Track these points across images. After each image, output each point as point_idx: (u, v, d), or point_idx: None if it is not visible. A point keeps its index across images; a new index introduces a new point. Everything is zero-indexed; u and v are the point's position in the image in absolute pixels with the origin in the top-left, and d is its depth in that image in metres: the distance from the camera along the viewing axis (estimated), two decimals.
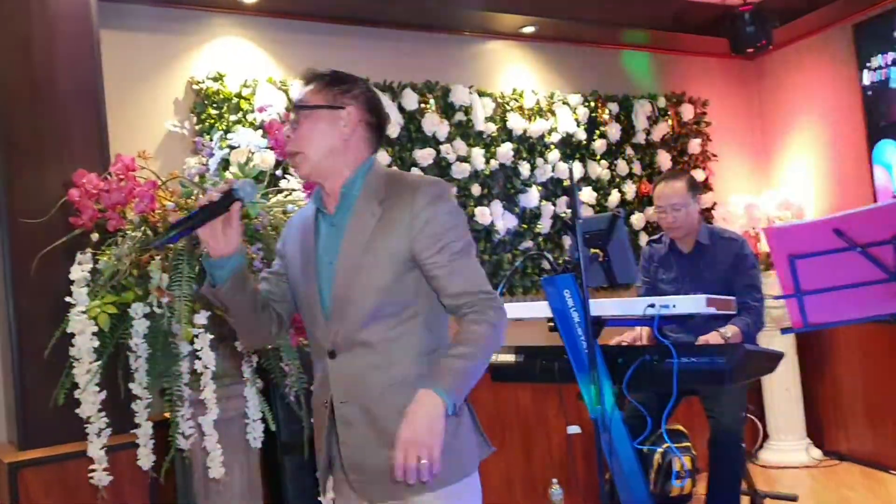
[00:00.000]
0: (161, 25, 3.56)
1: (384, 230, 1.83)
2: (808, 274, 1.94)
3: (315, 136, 1.87)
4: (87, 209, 2.61)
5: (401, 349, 1.84)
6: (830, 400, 5.10)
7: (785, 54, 5.34)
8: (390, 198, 1.86)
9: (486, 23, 4.37)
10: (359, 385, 1.84)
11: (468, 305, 1.81)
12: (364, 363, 1.83)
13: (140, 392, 2.54)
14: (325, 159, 1.87)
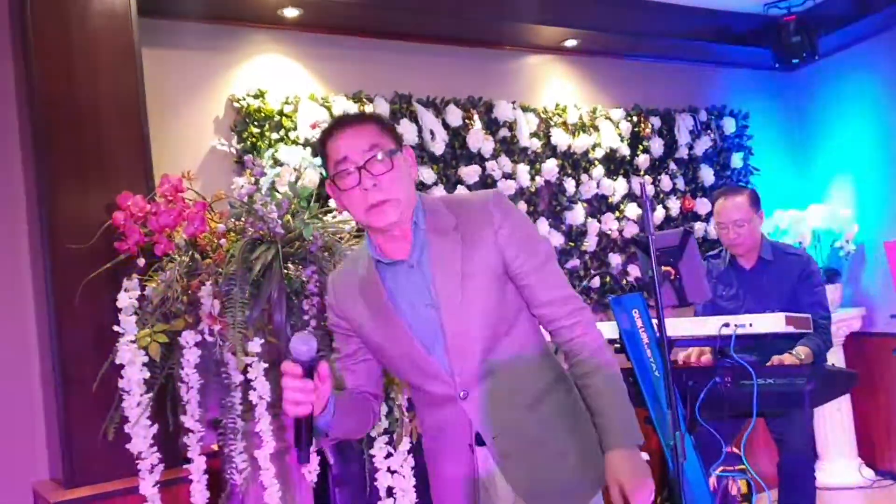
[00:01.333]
0: (200, 42, 3.46)
1: (472, 253, 1.78)
2: None
3: (403, 178, 1.78)
4: (133, 233, 2.51)
5: (524, 364, 1.83)
6: (882, 418, 4.94)
7: (828, 64, 5.20)
8: (461, 221, 1.81)
9: (528, 36, 4.27)
10: (504, 414, 1.80)
11: (562, 312, 1.82)
12: (500, 392, 1.80)
13: (192, 425, 2.42)
14: (408, 202, 1.78)
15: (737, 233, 3.36)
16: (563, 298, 1.82)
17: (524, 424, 1.80)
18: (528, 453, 1.80)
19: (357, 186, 1.74)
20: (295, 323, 2.52)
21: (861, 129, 5.08)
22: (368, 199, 1.74)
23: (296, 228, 2.48)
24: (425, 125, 3.91)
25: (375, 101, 3.79)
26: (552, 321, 1.83)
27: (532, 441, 1.80)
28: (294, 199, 2.55)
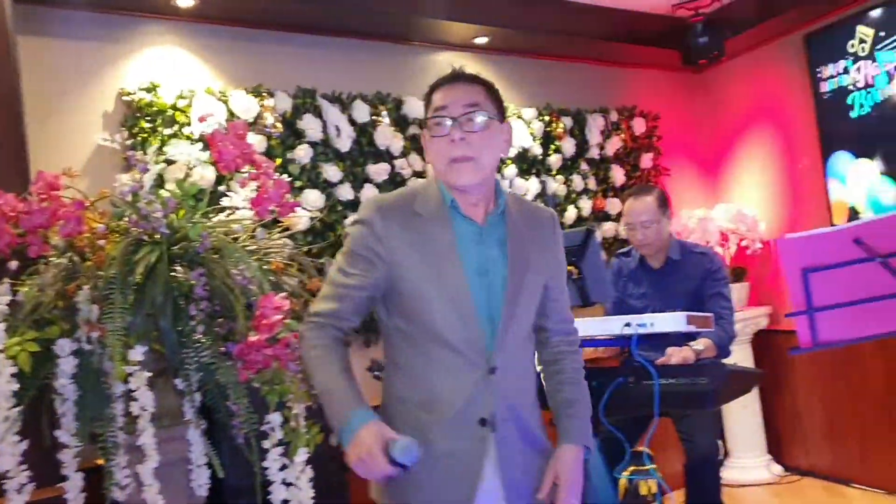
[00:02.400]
0: (88, 32, 3.28)
1: (538, 252, 1.90)
2: (821, 288, 1.78)
3: (492, 146, 1.83)
4: (4, 233, 2.32)
5: (530, 367, 1.96)
6: (789, 415, 5.04)
7: (735, 66, 5.29)
8: (530, 220, 1.94)
9: (438, 33, 4.20)
10: (516, 400, 1.86)
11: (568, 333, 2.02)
12: (518, 380, 1.88)
13: (68, 440, 2.24)
14: (491, 172, 1.85)
15: (644, 233, 3.35)
16: (572, 320, 2.04)
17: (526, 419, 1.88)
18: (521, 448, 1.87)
19: (446, 136, 1.79)
20: (182, 328, 2.36)
21: (766, 130, 5.17)
22: (453, 152, 1.79)
23: (182, 228, 2.33)
24: (330, 121, 3.79)
25: (277, 95, 3.66)
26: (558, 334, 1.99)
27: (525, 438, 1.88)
28: (181, 198, 2.40)
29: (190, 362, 2.33)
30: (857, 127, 4.56)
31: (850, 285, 1.79)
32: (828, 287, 1.81)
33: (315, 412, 2.59)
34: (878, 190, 4.48)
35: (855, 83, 4.54)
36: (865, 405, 4.58)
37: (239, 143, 2.28)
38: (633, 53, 5.03)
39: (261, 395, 2.45)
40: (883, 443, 4.50)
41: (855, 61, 4.54)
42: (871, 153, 4.51)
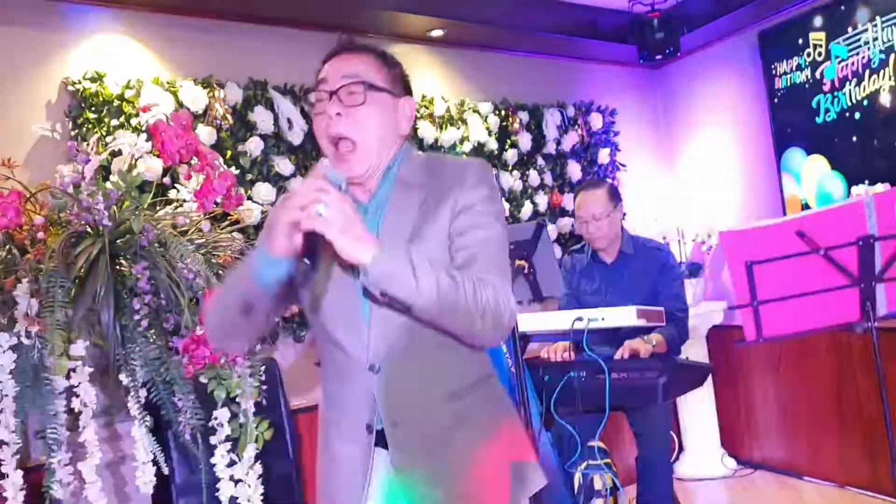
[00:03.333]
0: (30, 19, 3.18)
1: (431, 215, 1.61)
2: (766, 281, 1.78)
3: (376, 124, 1.62)
4: None
5: (451, 351, 1.62)
6: (743, 409, 5.09)
7: (690, 63, 5.33)
8: (433, 178, 1.66)
9: (392, 24, 4.15)
10: (415, 400, 1.62)
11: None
12: (417, 375, 1.62)
13: (7, 436, 2.19)
14: (380, 153, 1.64)
15: (596, 226, 3.35)
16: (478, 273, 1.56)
17: (433, 419, 1.63)
18: (427, 452, 1.63)
19: (323, 113, 1.62)
20: (126, 323, 2.32)
21: (721, 126, 5.22)
22: (330, 130, 1.61)
23: (125, 220, 2.28)
24: (282, 113, 3.73)
25: (227, 86, 3.59)
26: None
27: (436, 440, 1.63)
28: (125, 189, 2.35)
29: (134, 357, 2.29)
30: (810, 124, 4.61)
31: (795, 278, 1.80)
32: (772, 280, 1.81)
33: (264, 408, 2.56)
34: (829, 186, 4.54)
35: (810, 82, 4.60)
36: (818, 399, 4.64)
37: (183, 134, 2.24)
38: (591, 49, 5.04)
39: (208, 391, 2.41)
40: (834, 436, 4.56)
41: (808, 59, 4.59)
42: (823, 150, 4.56)
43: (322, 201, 1.39)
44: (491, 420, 1.70)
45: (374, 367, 1.61)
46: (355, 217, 1.42)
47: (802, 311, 1.83)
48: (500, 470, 1.67)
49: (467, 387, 1.66)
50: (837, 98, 4.45)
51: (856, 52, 4.34)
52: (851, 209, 1.76)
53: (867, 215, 1.72)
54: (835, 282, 1.76)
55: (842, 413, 4.50)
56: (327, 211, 1.39)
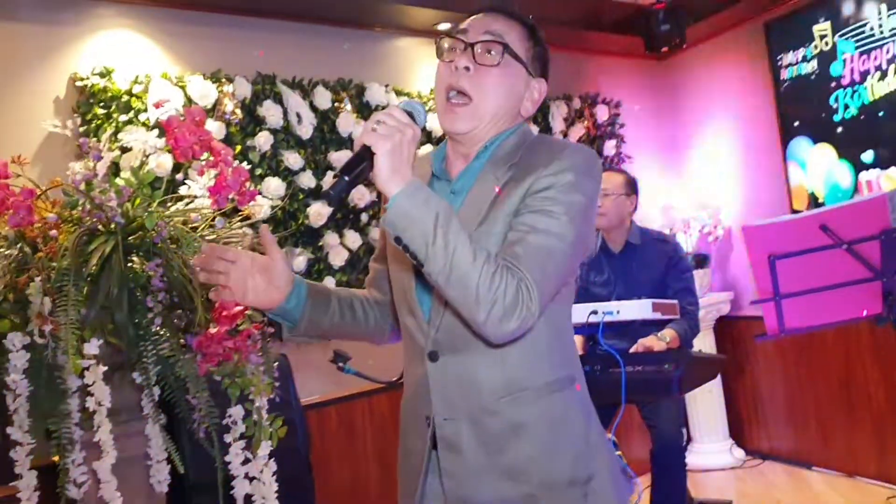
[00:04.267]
0: (36, 15, 3.16)
1: (506, 196, 1.50)
2: (788, 275, 1.77)
3: (502, 91, 1.54)
4: None
5: (523, 347, 1.49)
6: (751, 400, 5.10)
7: (696, 53, 5.31)
8: (523, 159, 1.53)
9: (400, 18, 4.13)
10: (469, 396, 1.50)
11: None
12: (478, 369, 1.50)
13: (21, 437, 2.17)
14: (493, 122, 1.55)
15: (601, 202, 3.33)
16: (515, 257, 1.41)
17: (485, 422, 1.50)
18: (477, 458, 1.50)
19: (451, 62, 1.53)
20: (139, 321, 2.30)
21: (727, 116, 5.20)
22: (451, 80, 1.53)
23: (138, 217, 2.26)
24: (291, 107, 3.72)
25: (236, 80, 3.58)
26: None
27: (486, 445, 1.50)
28: (137, 186, 2.32)
29: (148, 355, 2.27)
30: (818, 114, 4.59)
31: (816, 272, 1.78)
32: (794, 274, 1.79)
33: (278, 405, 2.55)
34: (837, 174, 4.52)
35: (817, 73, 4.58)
36: (825, 389, 4.64)
37: (196, 130, 2.21)
38: (596, 40, 5.02)
39: (222, 389, 2.39)
40: (842, 426, 4.56)
41: (815, 50, 4.57)
42: (829, 138, 4.54)
43: (383, 119, 1.35)
44: (558, 437, 1.52)
45: (434, 356, 1.54)
46: (408, 149, 1.35)
47: (824, 304, 1.82)
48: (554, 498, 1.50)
49: (535, 390, 1.51)
50: (858, 93, 4.39)
51: (870, 44, 4.31)
52: (874, 203, 1.75)
53: (890, 209, 1.71)
54: (857, 275, 1.75)
55: (850, 402, 4.50)
56: (382, 127, 1.34)
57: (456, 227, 1.35)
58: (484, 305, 1.36)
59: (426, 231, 1.33)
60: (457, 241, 1.34)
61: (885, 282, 1.76)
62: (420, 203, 1.34)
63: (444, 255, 1.33)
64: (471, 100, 1.52)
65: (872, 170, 4.32)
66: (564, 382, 1.56)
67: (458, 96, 1.53)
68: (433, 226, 1.33)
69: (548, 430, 1.52)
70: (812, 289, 1.79)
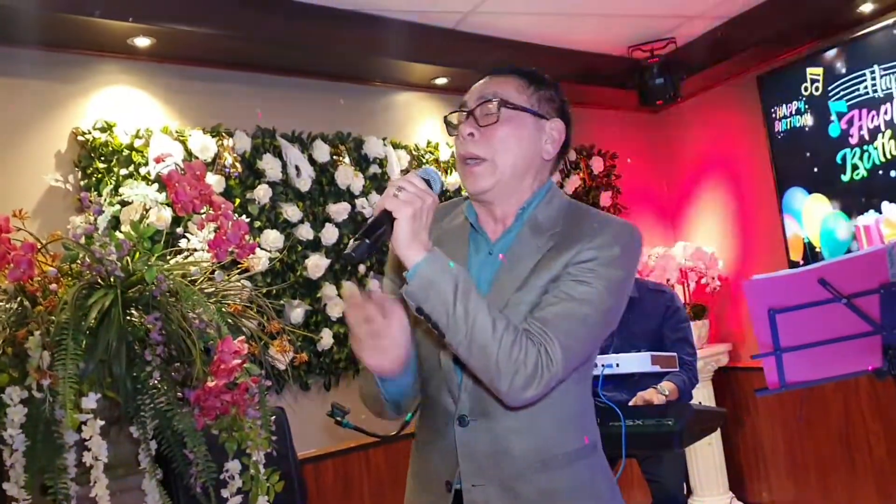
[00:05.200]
0: (39, 71, 3.21)
1: (546, 266, 1.50)
2: (788, 329, 1.77)
3: (513, 144, 1.54)
4: None
5: (551, 415, 1.50)
6: (751, 452, 5.06)
7: (691, 106, 5.38)
8: (565, 228, 1.54)
9: (398, 73, 4.20)
10: (501, 462, 1.49)
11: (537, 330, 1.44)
12: (509, 436, 1.49)
13: (16, 492, 2.15)
14: (515, 176, 1.55)
15: None
16: (547, 326, 1.42)
17: (516, 488, 1.49)
18: None
19: (458, 134, 1.57)
20: (137, 375, 2.29)
21: (722, 168, 5.25)
22: (461, 151, 1.55)
23: (137, 271, 2.27)
24: (290, 160, 3.75)
25: (236, 134, 3.62)
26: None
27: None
28: (136, 240, 2.34)
29: (145, 409, 2.26)
30: (810, 165, 4.64)
31: (816, 326, 1.79)
32: (794, 328, 1.80)
33: (275, 459, 2.53)
34: (831, 224, 4.55)
35: (810, 127, 4.64)
36: (825, 441, 4.61)
37: (197, 184, 2.23)
38: (591, 94, 5.09)
39: (219, 443, 2.38)
40: (843, 479, 4.52)
41: (808, 103, 4.64)
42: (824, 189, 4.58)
43: (404, 185, 1.37)
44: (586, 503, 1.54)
45: (464, 420, 1.52)
46: (427, 216, 1.37)
47: (825, 358, 1.82)
48: None
49: (564, 456, 1.52)
50: (868, 153, 4.39)
51: (861, 98, 4.37)
52: (873, 257, 1.76)
53: (889, 263, 1.73)
54: (857, 329, 1.76)
55: (851, 455, 4.46)
56: (403, 194, 1.35)
57: (475, 295, 1.37)
58: (505, 375, 1.38)
59: (446, 300, 1.35)
60: (476, 310, 1.36)
61: (885, 336, 1.77)
62: (440, 271, 1.36)
63: (464, 325, 1.35)
64: (485, 160, 1.54)
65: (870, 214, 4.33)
66: (591, 449, 1.57)
67: (473, 161, 1.56)
68: (453, 295, 1.35)
69: (578, 497, 1.53)
70: (812, 343, 1.79)
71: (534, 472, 1.50)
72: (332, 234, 3.83)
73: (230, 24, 3.48)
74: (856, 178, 4.41)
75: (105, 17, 3.12)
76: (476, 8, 3.99)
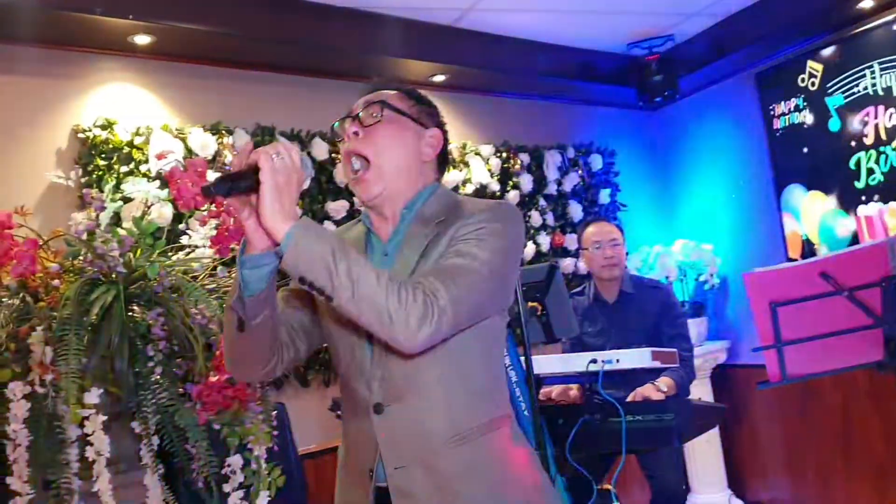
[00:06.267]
0: (40, 69, 3.22)
1: (434, 249, 1.57)
2: (789, 322, 1.79)
3: (394, 143, 1.61)
4: None
5: (462, 389, 1.56)
6: (749, 449, 5.06)
7: (689, 103, 5.39)
8: (449, 216, 1.60)
9: (395, 70, 4.20)
10: (418, 441, 1.54)
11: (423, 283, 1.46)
12: (421, 413, 1.55)
13: (20, 487, 2.16)
14: (399, 176, 1.62)
15: (614, 251, 3.37)
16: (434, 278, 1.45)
17: (438, 463, 1.54)
18: (431, 499, 1.53)
19: (345, 135, 1.63)
20: (139, 370, 2.31)
21: (719, 165, 5.27)
22: (347, 148, 1.62)
23: (139, 267, 2.28)
24: None
25: (236, 132, 3.63)
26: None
27: (441, 489, 1.53)
28: (138, 236, 2.35)
29: (147, 404, 2.27)
30: (808, 162, 4.66)
31: (818, 319, 1.80)
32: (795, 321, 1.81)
33: (277, 455, 2.54)
34: (830, 221, 4.57)
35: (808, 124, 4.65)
36: (824, 438, 4.62)
37: (198, 181, 2.24)
38: (590, 91, 5.10)
39: (221, 438, 2.39)
40: (841, 475, 4.53)
41: (806, 99, 4.65)
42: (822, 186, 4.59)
43: (281, 152, 1.36)
44: (506, 470, 1.59)
45: (379, 408, 1.57)
46: (296, 192, 1.38)
47: (826, 351, 1.84)
48: None
49: (477, 429, 1.57)
50: (885, 155, 4.31)
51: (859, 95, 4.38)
52: (874, 250, 1.78)
53: (890, 256, 1.74)
54: (858, 322, 1.77)
55: (849, 452, 4.48)
56: (279, 160, 1.34)
57: (354, 254, 1.39)
58: (397, 319, 1.38)
59: (326, 261, 1.35)
60: (358, 264, 1.37)
61: (887, 329, 1.79)
62: (314, 238, 1.36)
63: (348, 281, 1.36)
64: (369, 161, 1.60)
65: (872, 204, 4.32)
66: (504, 420, 1.63)
67: (358, 160, 1.61)
68: (331, 255, 1.35)
69: (496, 465, 1.58)
70: (813, 336, 1.80)
71: (451, 447, 1.54)
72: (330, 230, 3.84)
73: (230, 22, 3.49)
74: (871, 182, 4.38)
75: (105, 15, 3.12)
76: (475, 5, 3.99)
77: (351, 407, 1.66)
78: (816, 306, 1.78)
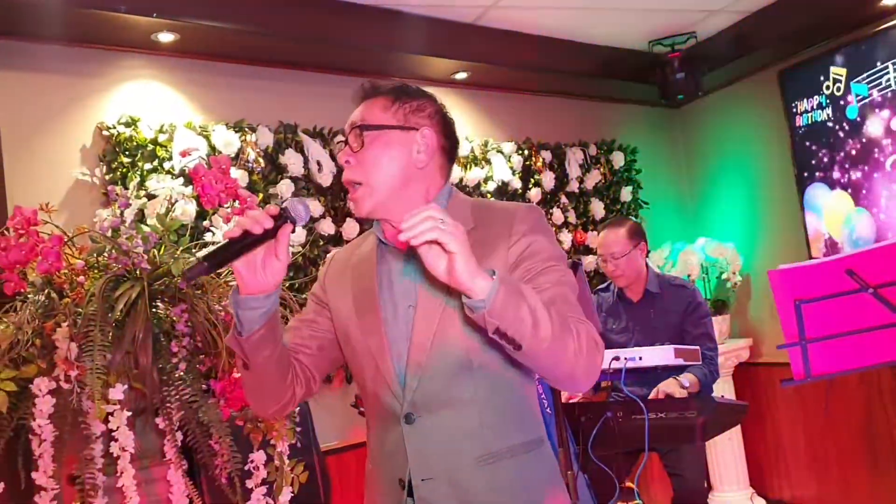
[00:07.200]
0: (65, 66, 3.24)
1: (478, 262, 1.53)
2: (814, 320, 1.77)
3: (382, 162, 1.58)
4: None
5: (496, 409, 1.55)
6: (771, 447, 5.03)
7: (711, 101, 5.35)
8: (479, 226, 1.59)
9: (417, 68, 4.20)
10: (447, 456, 1.53)
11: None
12: (454, 430, 1.54)
13: (45, 482, 2.17)
14: (395, 192, 1.59)
15: (615, 265, 3.36)
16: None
17: (463, 482, 1.53)
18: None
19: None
20: (163, 366, 2.32)
21: (741, 163, 5.23)
22: (344, 179, 1.62)
23: (163, 264, 2.29)
24: (312, 156, 3.77)
25: (259, 130, 3.64)
26: None
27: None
28: (162, 233, 2.36)
29: (171, 400, 2.28)
30: (832, 160, 4.61)
31: (843, 317, 1.78)
32: (820, 318, 1.79)
33: (299, 451, 2.55)
34: (854, 220, 4.52)
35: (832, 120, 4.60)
36: (847, 435, 4.58)
37: (223, 178, 2.25)
38: (612, 88, 5.08)
39: (244, 434, 2.40)
40: (864, 473, 4.49)
41: (829, 98, 4.60)
42: (846, 185, 4.55)
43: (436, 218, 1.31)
44: (531, 496, 1.57)
45: (410, 418, 1.56)
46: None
47: (851, 349, 1.82)
48: None
49: (507, 450, 1.55)
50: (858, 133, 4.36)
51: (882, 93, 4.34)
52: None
53: None
54: (884, 320, 1.75)
55: (873, 449, 4.43)
56: (444, 225, 1.30)
57: (531, 293, 1.37)
58: (581, 359, 1.41)
59: (525, 317, 1.34)
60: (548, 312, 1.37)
61: None
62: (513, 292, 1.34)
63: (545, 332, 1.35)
64: (361, 184, 1.59)
65: None
66: (536, 443, 1.61)
67: (353, 186, 1.61)
68: (528, 310, 1.34)
69: (524, 489, 1.56)
70: (838, 333, 1.78)
71: (479, 466, 1.54)
72: (353, 228, 3.84)
73: (252, 20, 3.50)
74: None
75: (129, 13, 3.14)
76: (497, 2, 3.98)
77: (378, 418, 1.65)
78: (841, 303, 1.75)
